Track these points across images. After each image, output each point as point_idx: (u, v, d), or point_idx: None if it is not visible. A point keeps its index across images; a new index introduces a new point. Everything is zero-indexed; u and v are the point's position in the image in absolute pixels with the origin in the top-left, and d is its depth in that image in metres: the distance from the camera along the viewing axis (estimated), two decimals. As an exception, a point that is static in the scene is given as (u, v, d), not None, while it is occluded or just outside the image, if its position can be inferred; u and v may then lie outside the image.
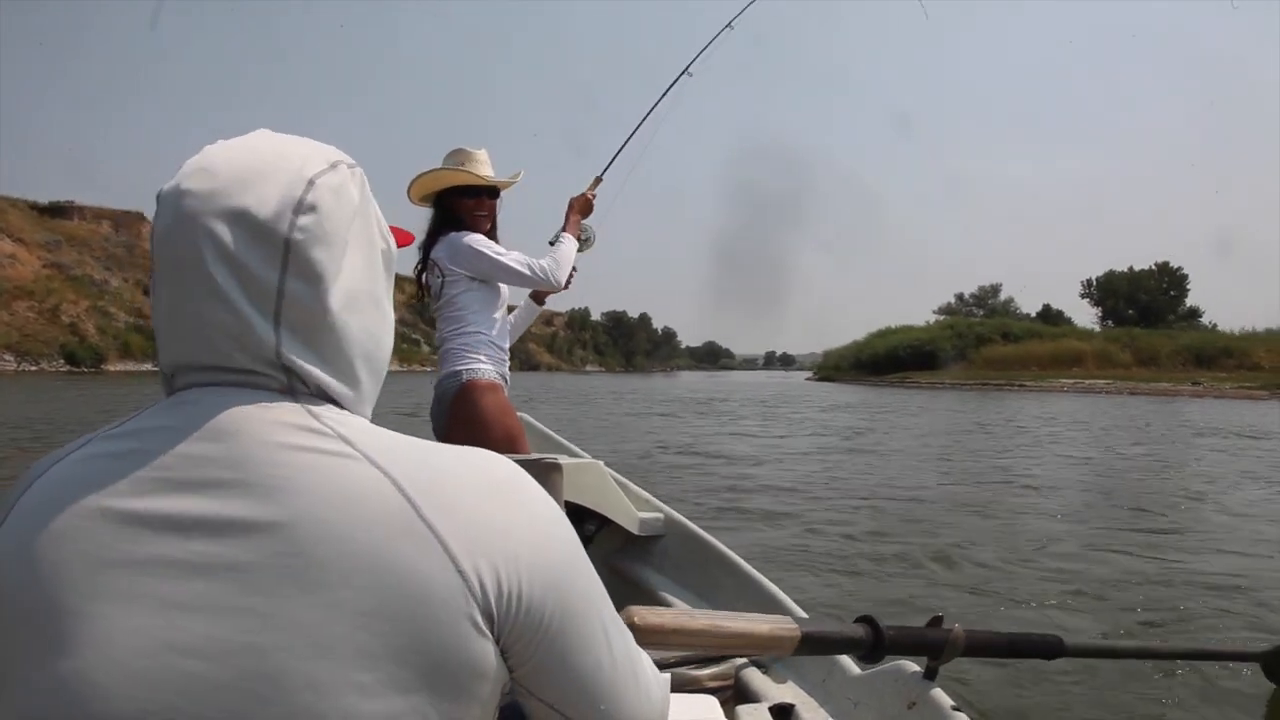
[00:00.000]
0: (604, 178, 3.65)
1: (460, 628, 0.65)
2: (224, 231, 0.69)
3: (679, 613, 1.09)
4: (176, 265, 0.70)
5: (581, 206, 3.45)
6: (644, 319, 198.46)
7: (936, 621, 1.32)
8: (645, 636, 1.04)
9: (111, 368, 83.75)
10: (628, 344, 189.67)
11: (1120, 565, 6.04)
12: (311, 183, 0.72)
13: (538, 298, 3.48)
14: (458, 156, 3.22)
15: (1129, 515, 8.48)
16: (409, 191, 3.24)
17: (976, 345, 69.80)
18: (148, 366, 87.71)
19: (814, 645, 1.17)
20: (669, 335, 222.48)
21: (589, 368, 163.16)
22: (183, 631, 0.63)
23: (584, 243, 3.47)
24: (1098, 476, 12.02)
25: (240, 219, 0.69)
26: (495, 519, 0.69)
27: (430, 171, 3.20)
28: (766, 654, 1.10)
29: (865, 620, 1.24)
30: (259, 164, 0.72)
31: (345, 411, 0.74)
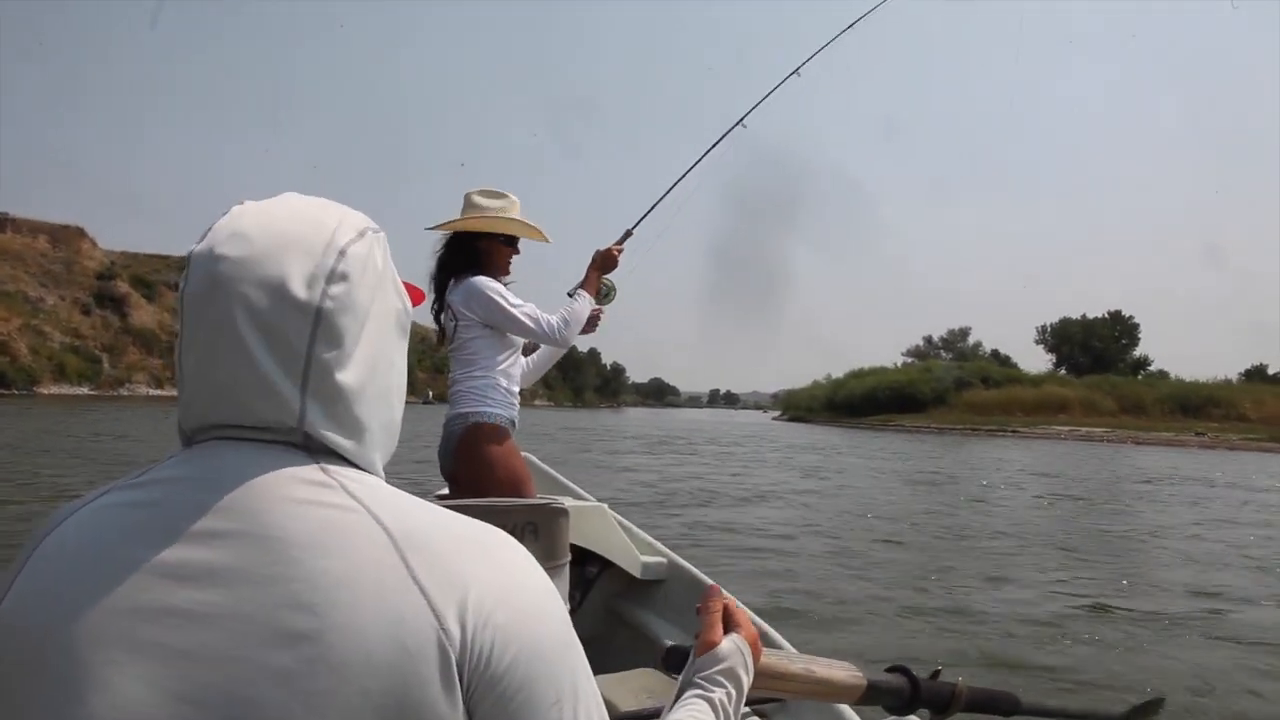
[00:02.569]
0: (634, 232, 3.47)
1: (436, 686, 0.66)
2: (257, 298, 0.70)
3: (780, 655, 1.10)
4: (208, 329, 0.71)
5: (603, 261, 3.32)
6: (593, 354, 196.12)
7: (934, 675, 1.31)
8: (762, 682, 1.04)
9: (45, 390, 78.77)
10: (576, 379, 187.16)
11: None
12: (343, 252, 0.74)
13: None
14: (498, 200, 3.13)
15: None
16: (438, 226, 3.17)
17: (956, 389, 69.15)
18: (83, 390, 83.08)
19: (873, 695, 1.21)
20: (618, 371, 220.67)
21: (538, 402, 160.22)
22: (186, 680, 0.65)
23: (604, 297, 3.34)
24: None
25: (274, 286, 0.71)
26: (484, 586, 0.70)
27: (487, 217, 3.12)
28: (835, 700, 1.19)
29: (900, 670, 1.27)
30: (292, 231, 0.73)
31: (356, 469, 0.75)
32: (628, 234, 3.45)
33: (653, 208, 3.58)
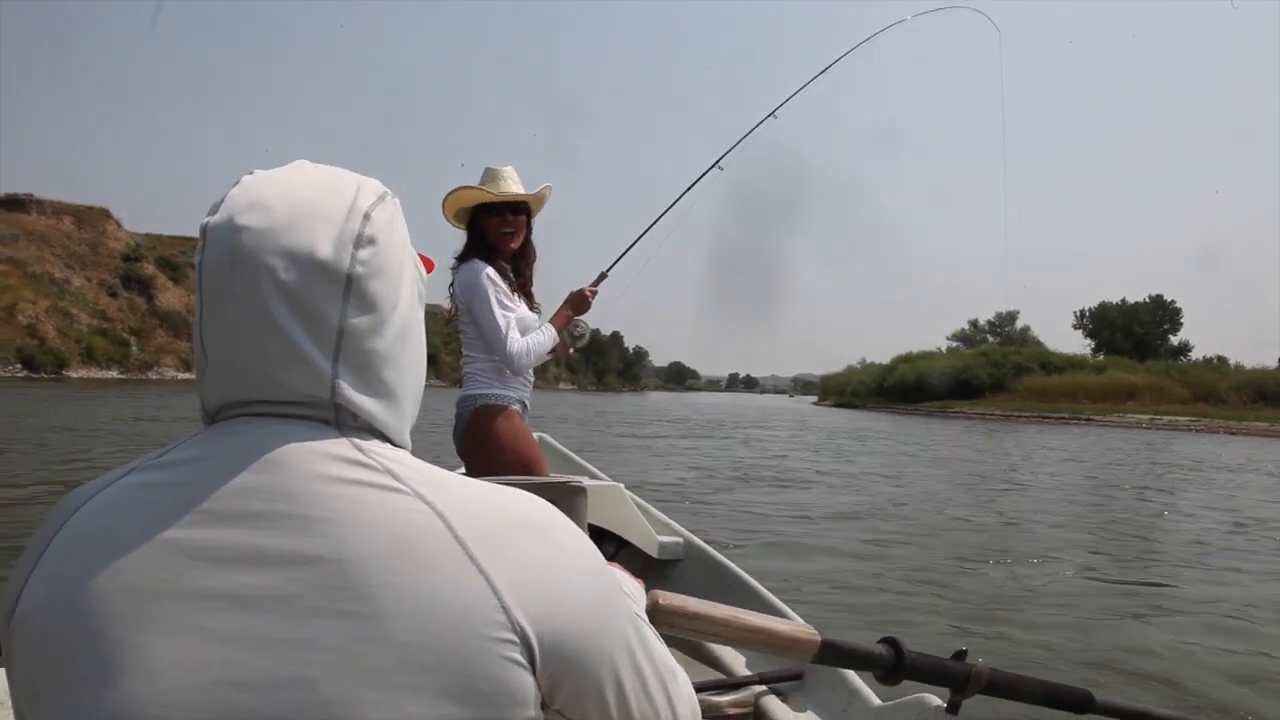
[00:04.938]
0: (609, 274, 3.47)
1: (501, 661, 0.65)
2: (285, 268, 0.68)
3: (701, 601, 1.11)
4: (232, 302, 0.69)
5: (576, 303, 3.33)
6: (616, 338, 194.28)
7: (960, 655, 1.28)
8: (665, 618, 1.06)
9: (73, 374, 77.14)
10: (600, 362, 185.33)
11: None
12: (368, 216, 0.72)
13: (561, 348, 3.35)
14: (485, 176, 3.19)
15: None
16: (443, 212, 3.21)
17: (1015, 375, 66.73)
18: (112, 373, 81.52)
19: (832, 655, 1.17)
20: (640, 355, 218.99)
21: (562, 385, 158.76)
22: (230, 664, 0.63)
23: (576, 339, 3.34)
24: None
25: (301, 255, 0.68)
26: (537, 558, 0.69)
27: (454, 190, 3.17)
28: (784, 654, 1.17)
29: (887, 641, 1.23)
30: (313, 198, 0.71)
31: (390, 445, 0.73)
32: (603, 276, 3.44)
33: (628, 250, 3.55)
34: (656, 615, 1.04)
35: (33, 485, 10.09)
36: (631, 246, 3.56)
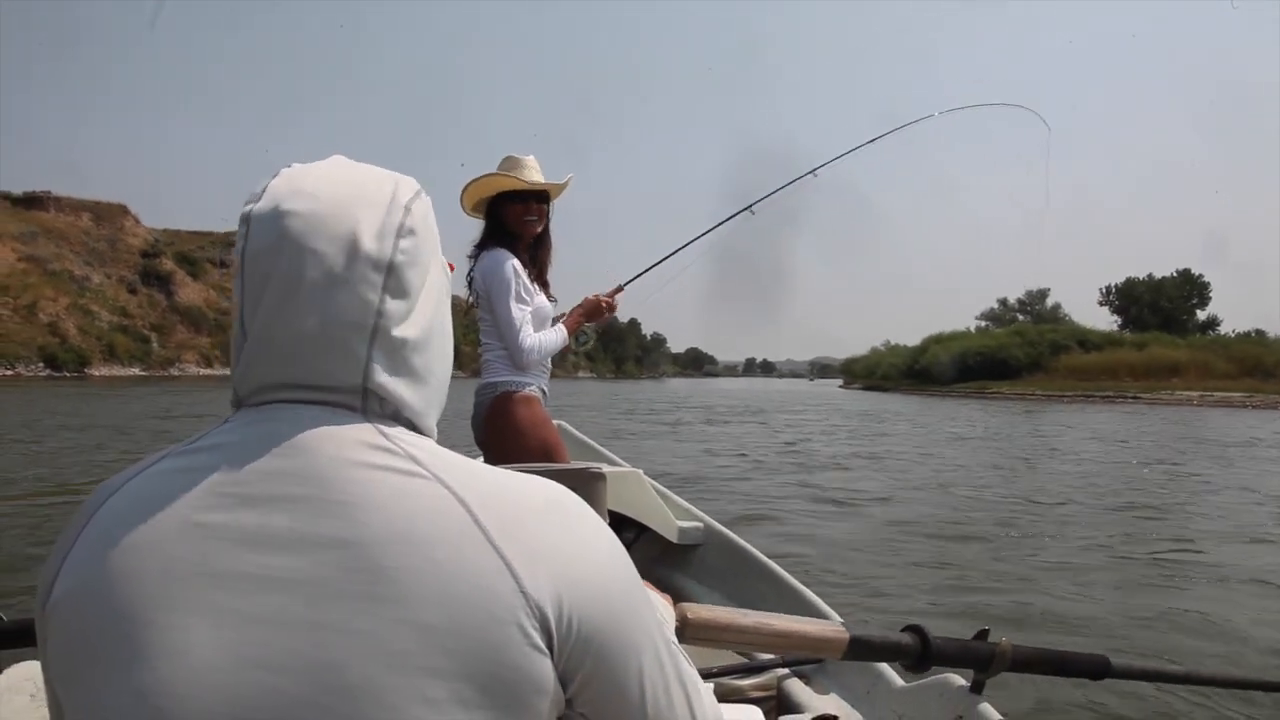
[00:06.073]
0: (626, 288, 3.57)
1: (521, 646, 0.66)
2: (330, 252, 0.70)
3: (730, 610, 1.14)
4: (276, 285, 0.70)
5: (590, 310, 3.41)
6: (634, 325, 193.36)
7: (983, 635, 1.31)
8: (695, 632, 1.08)
9: (96, 372, 76.73)
10: (619, 350, 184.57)
11: None
12: (408, 208, 0.75)
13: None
14: (507, 164, 3.22)
15: None
16: (462, 201, 3.23)
17: (1052, 353, 65.28)
18: (134, 371, 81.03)
19: (861, 650, 1.19)
20: (658, 341, 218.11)
21: (581, 373, 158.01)
22: (257, 645, 0.64)
23: (580, 343, 3.42)
24: None
25: (346, 241, 0.70)
26: (557, 544, 0.69)
27: (479, 178, 3.18)
28: (814, 654, 1.20)
29: (913, 629, 1.25)
30: (355, 188, 0.74)
31: (414, 432, 0.74)
32: (620, 288, 3.52)
33: (650, 268, 3.65)
34: (686, 630, 1.05)
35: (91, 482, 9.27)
36: (653, 267, 3.68)
